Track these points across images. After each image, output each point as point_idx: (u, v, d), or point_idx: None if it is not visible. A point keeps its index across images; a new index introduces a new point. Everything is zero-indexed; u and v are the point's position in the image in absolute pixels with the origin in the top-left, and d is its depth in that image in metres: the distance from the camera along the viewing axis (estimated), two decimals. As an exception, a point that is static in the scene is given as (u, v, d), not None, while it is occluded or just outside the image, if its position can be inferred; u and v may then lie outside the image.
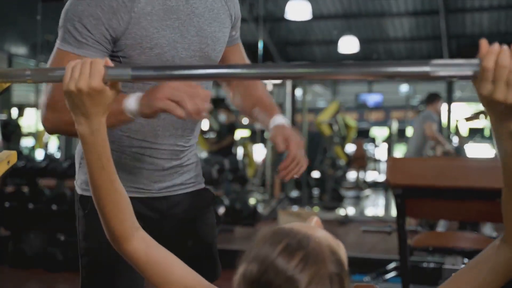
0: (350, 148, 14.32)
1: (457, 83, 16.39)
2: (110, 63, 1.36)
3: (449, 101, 14.97)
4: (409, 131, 8.05)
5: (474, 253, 3.64)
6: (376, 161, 16.99)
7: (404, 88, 17.85)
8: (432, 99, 8.06)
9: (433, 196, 3.92)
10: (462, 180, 3.79)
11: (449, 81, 15.27)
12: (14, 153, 1.55)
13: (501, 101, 1.06)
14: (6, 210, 5.83)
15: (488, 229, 5.65)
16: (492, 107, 1.10)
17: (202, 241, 2.15)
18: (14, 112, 14.05)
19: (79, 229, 2.03)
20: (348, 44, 14.12)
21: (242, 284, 1.14)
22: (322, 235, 1.19)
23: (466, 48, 14.97)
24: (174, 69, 1.44)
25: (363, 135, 16.55)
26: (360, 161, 14.40)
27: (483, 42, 1.09)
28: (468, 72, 1.12)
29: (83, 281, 2.02)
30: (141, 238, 1.47)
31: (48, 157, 8.45)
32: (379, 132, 19.58)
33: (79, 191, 2.04)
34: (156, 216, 2.04)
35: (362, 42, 14.43)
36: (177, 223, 2.09)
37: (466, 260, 3.72)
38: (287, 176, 2.02)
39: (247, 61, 2.29)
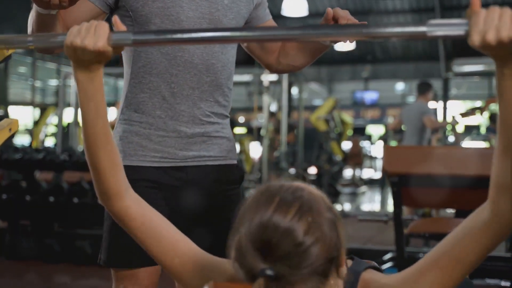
0: (347, 145, 14.34)
1: (453, 81, 16.42)
2: (121, 27, 1.44)
3: (445, 98, 15.02)
4: (405, 128, 8.01)
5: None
6: (372, 158, 17.02)
7: (399, 86, 17.90)
8: (424, 89, 7.97)
9: (429, 184, 3.93)
10: (458, 168, 3.81)
11: (445, 78, 15.33)
12: (16, 121, 1.56)
13: (494, 44, 1.13)
14: (3, 202, 5.83)
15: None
16: (492, 52, 1.16)
17: (222, 216, 2.11)
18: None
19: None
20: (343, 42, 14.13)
21: (240, 247, 1.19)
22: (312, 187, 1.26)
23: (462, 46, 15.01)
24: (174, 33, 1.47)
25: (359, 132, 16.55)
26: (356, 158, 14.41)
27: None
28: (462, 31, 1.20)
29: (103, 244, 2.09)
30: (134, 197, 1.49)
31: (45, 149, 8.42)
32: (375, 130, 19.60)
33: None
34: (178, 184, 2.05)
35: (359, 40, 14.46)
36: (202, 194, 2.10)
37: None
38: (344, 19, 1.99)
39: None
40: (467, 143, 12.28)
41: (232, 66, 2.20)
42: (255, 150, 12.60)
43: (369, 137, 17.60)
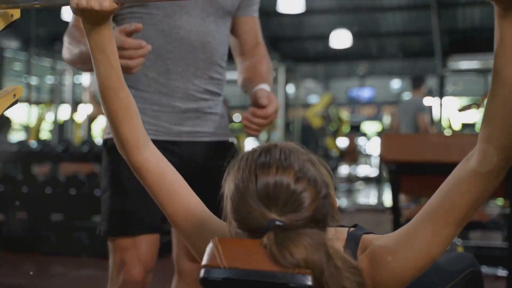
0: (343, 142, 14.37)
1: (450, 78, 16.45)
2: None
3: (441, 95, 15.04)
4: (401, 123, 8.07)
5: (466, 224, 3.69)
6: (368, 156, 17.06)
7: (395, 83, 17.92)
8: (417, 83, 8.09)
9: (427, 171, 3.95)
10: (456, 156, 3.80)
11: (441, 76, 15.36)
12: (20, 87, 1.56)
13: None
14: (0, 194, 5.83)
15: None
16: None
17: (216, 192, 2.15)
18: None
19: (102, 170, 2.20)
20: (341, 39, 14.15)
21: (240, 210, 1.27)
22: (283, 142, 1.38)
23: (459, 43, 15.04)
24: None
25: (355, 129, 16.60)
26: (352, 155, 14.45)
27: None
28: None
29: (103, 216, 2.16)
30: (152, 150, 1.54)
31: (42, 142, 8.42)
32: (371, 127, 19.64)
33: (105, 135, 2.21)
34: (175, 160, 2.08)
35: (355, 37, 14.46)
36: (196, 170, 2.13)
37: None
38: (251, 127, 2.04)
39: (259, 36, 2.34)
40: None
41: (226, 46, 2.27)
42: (251, 145, 12.61)
43: (364, 134, 17.64)
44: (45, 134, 14.15)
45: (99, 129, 12.45)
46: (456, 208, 1.29)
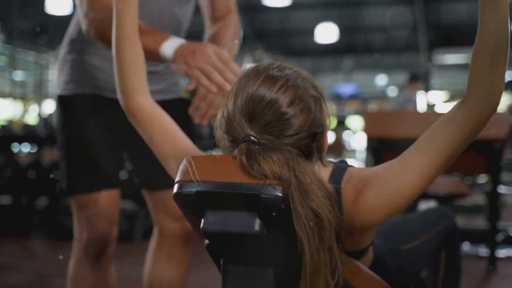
0: (329, 136, 14.37)
1: (436, 72, 16.52)
2: None
3: (426, 89, 15.09)
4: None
5: (447, 197, 3.71)
6: (353, 150, 17.06)
7: (380, 78, 17.96)
8: (414, 79, 8.59)
9: (406, 147, 3.96)
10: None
11: (427, 71, 15.43)
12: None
13: None
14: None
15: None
16: None
17: None
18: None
19: (58, 127, 2.21)
20: (327, 33, 14.17)
21: (229, 117, 1.30)
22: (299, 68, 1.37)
23: (445, 37, 15.11)
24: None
25: (340, 124, 16.59)
26: (337, 149, 14.46)
27: None
28: None
29: (62, 174, 2.19)
30: (148, 97, 1.64)
31: (25, 127, 8.39)
32: (356, 122, 19.64)
33: (58, 91, 2.19)
34: None
35: (341, 31, 14.50)
36: None
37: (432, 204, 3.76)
38: (203, 119, 1.90)
39: (232, 3, 2.35)
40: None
41: (188, 18, 2.30)
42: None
43: (349, 129, 17.64)
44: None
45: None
46: (449, 145, 1.32)
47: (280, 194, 1.18)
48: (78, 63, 2.16)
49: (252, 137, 1.24)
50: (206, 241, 1.42)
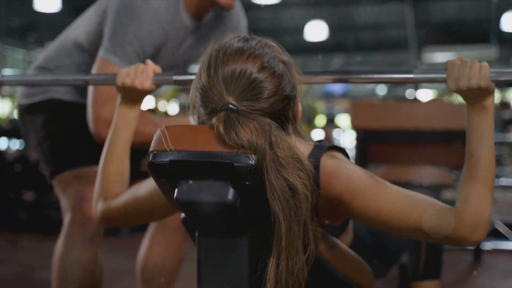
0: (318, 135, 14.38)
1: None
2: (157, 69, 1.70)
3: (416, 87, 15.18)
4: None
5: (431, 187, 3.71)
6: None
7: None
8: None
9: (394, 138, 3.98)
10: (423, 122, 3.85)
11: (416, 68, 15.48)
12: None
13: (465, 89, 1.37)
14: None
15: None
16: (464, 95, 1.40)
17: None
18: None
19: (38, 126, 2.25)
20: (316, 31, 14.18)
21: (203, 89, 1.33)
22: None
23: (434, 36, 15.15)
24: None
25: (330, 122, 16.62)
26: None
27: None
28: (441, 78, 1.47)
29: (47, 158, 2.22)
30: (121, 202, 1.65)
31: (13, 120, 8.34)
32: (346, 120, 19.66)
33: (34, 100, 2.28)
34: None
35: (331, 29, 14.51)
36: None
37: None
38: None
39: None
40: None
41: None
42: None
43: (339, 127, 17.67)
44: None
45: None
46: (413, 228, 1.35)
47: (253, 162, 1.18)
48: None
49: (230, 105, 1.27)
50: (182, 215, 1.41)
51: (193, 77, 1.62)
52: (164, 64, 2.19)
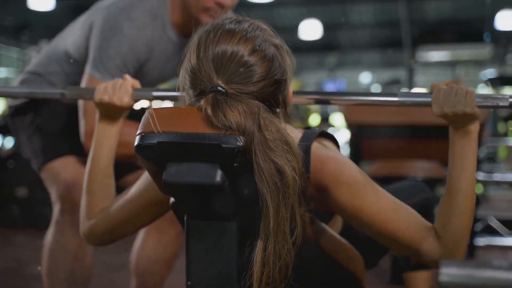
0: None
1: (420, 68, 16.60)
2: (136, 84, 1.70)
3: (410, 86, 15.18)
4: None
5: (424, 181, 3.71)
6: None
7: (364, 76, 17.96)
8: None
9: (388, 133, 3.98)
10: (415, 117, 3.86)
11: (410, 68, 15.50)
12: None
13: (450, 115, 1.37)
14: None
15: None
16: (448, 120, 1.39)
17: None
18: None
19: (26, 124, 2.29)
20: (311, 30, 14.17)
21: (194, 72, 1.32)
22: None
23: (428, 35, 15.15)
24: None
25: (324, 121, 16.60)
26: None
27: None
28: (426, 102, 1.47)
29: (36, 151, 2.24)
30: (106, 218, 1.63)
31: (5, 117, 8.31)
32: (340, 119, 19.65)
33: (16, 103, 2.31)
34: None
35: (325, 28, 14.51)
36: None
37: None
38: None
39: None
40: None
41: None
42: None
43: (333, 126, 17.65)
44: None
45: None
46: (390, 236, 1.39)
47: (241, 144, 1.18)
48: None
49: (219, 87, 1.26)
50: (172, 200, 1.41)
51: (172, 93, 1.66)
52: (154, 79, 2.26)
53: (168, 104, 2.25)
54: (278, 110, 1.37)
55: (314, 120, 14.20)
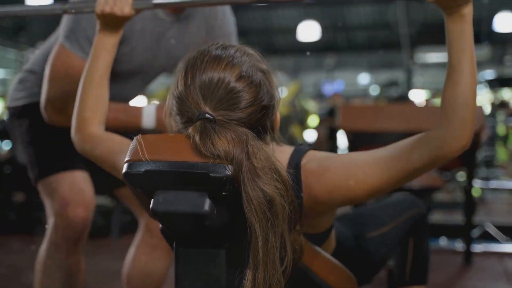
0: (311, 135, 14.37)
1: (418, 69, 16.58)
2: None
3: (409, 87, 15.17)
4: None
5: (421, 190, 3.71)
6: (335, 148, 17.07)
7: (362, 77, 17.96)
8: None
9: (385, 141, 3.97)
10: (413, 124, 3.85)
11: (409, 69, 15.48)
12: None
13: None
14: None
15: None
16: (441, 4, 1.33)
17: None
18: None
19: (22, 132, 2.25)
20: (309, 31, 14.18)
21: (179, 97, 1.32)
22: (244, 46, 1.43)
23: (427, 36, 15.16)
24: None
25: (324, 122, 16.59)
26: (319, 147, 14.44)
27: None
28: None
29: (32, 162, 2.22)
30: (102, 129, 1.66)
31: (3, 121, 8.31)
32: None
33: (20, 103, 2.28)
34: None
35: (323, 30, 14.50)
36: None
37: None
38: None
39: None
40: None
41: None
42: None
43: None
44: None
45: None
46: (407, 169, 1.31)
47: (230, 173, 1.17)
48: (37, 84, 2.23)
49: (207, 114, 1.26)
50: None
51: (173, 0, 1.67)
52: (150, 62, 2.20)
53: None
54: (266, 135, 1.37)
55: (313, 121, 14.18)
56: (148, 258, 2.30)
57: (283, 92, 18.70)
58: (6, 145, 6.60)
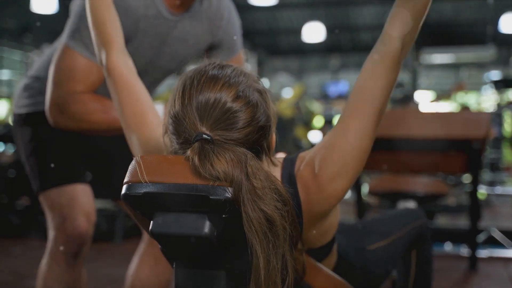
0: (315, 136, 14.36)
1: (423, 71, 16.54)
2: None
3: (414, 88, 15.13)
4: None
5: (425, 197, 3.70)
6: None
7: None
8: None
9: (387, 147, 3.97)
10: (416, 130, 3.83)
11: (413, 70, 15.45)
12: None
13: None
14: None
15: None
16: None
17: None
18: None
19: (25, 141, 2.23)
20: (314, 32, 14.16)
21: (176, 117, 1.30)
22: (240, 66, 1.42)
23: (432, 37, 15.13)
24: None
25: (328, 124, 16.60)
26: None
27: None
28: None
29: (33, 174, 2.19)
30: (129, 62, 1.64)
31: (7, 126, 8.32)
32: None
33: (24, 110, 2.25)
34: None
35: (328, 30, 14.49)
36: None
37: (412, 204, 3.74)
38: None
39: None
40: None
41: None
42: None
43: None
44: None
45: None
46: (372, 94, 1.38)
47: (230, 195, 1.16)
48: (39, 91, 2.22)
49: (204, 135, 1.24)
50: None
51: None
52: (147, 61, 2.16)
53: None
54: (262, 155, 1.36)
55: (318, 122, 14.17)
56: (151, 272, 2.29)
57: (288, 93, 18.75)
58: (11, 149, 6.61)
